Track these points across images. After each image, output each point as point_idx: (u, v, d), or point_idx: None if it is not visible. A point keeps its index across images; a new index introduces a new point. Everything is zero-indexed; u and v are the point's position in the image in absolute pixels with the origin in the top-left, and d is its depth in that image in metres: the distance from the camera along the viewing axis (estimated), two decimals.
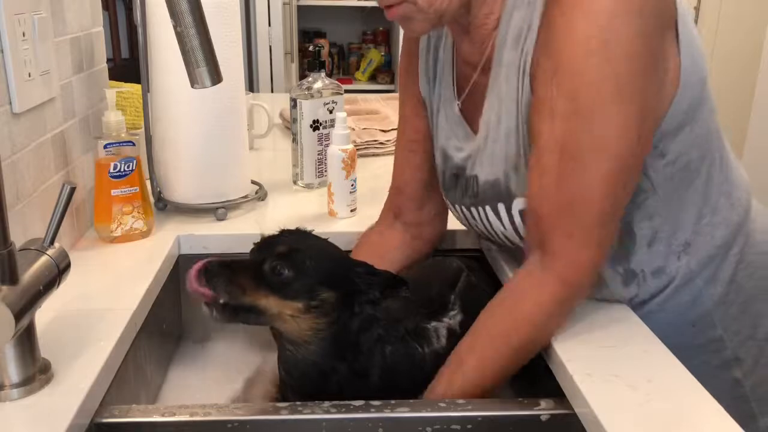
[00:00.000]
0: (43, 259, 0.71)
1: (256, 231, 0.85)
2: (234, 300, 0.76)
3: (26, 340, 0.70)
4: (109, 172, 1.06)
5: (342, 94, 1.37)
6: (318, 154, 1.37)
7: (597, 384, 0.72)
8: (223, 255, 1.07)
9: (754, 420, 0.92)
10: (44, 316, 0.82)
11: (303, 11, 3.84)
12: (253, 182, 1.31)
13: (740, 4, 3.45)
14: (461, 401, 0.76)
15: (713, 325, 0.90)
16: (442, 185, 0.98)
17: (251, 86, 3.17)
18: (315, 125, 1.34)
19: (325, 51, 4.03)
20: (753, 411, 0.92)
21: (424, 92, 0.98)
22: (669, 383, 0.73)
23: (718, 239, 0.87)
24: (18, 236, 0.76)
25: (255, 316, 0.77)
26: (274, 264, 0.77)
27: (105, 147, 1.07)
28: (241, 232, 1.12)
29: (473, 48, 0.86)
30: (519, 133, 0.81)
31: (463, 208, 0.94)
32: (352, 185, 1.21)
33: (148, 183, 1.18)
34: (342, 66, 4.31)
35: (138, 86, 1.27)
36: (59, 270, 0.72)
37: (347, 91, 1.48)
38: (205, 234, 1.13)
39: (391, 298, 0.81)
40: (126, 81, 1.44)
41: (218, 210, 1.18)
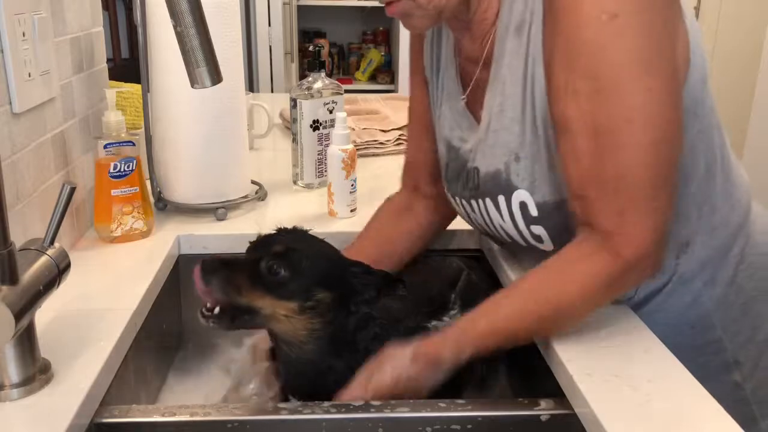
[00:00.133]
0: (43, 259, 0.71)
1: (256, 231, 0.85)
2: (229, 299, 0.76)
3: (26, 340, 0.70)
4: (109, 172, 1.06)
5: (342, 94, 1.37)
6: (318, 154, 1.36)
7: (597, 384, 0.72)
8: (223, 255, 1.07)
9: (755, 423, 0.92)
10: (44, 316, 0.82)
11: (303, 11, 3.84)
12: (253, 182, 1.31)
13: (740, 4, 3.45)
14: (461, 401, 0.76)
15: (713, 327, 0.89)
16: (444, 177, 0.98)
17: (251, 86, 3.17)
18: (315, 125, 1.34)
19: (325, 51, 4.03)
20: (754, 414, 0.92)
21: (429, 80, 0.99)
22: (669, 383, 0.73)
23: (718, 240, 0.87)
24: (18, 236, 0.76)
25: (250, 318, 0.77)
26: (271, 263, 0.77)
27: (105, 147, 1.07)
28: (241, 232, 1.12)
29: (474, 44, 0.86)
30: (525, 122, 0.80)
31: (463, 201, 0.93)
32: (352, 185, 1.21)
33: (148, 183, 1.18)
34: (342, 66, 4.31)
35: (138, 86, 1.27)
36: (59, 270, 0.72)
37: (347, 91, 1.48)
38: (205, 234, 1.13)
39: (389, 297, 0.81)
40: (126, 81, 1.44)
41: (218, 210, 1.18)
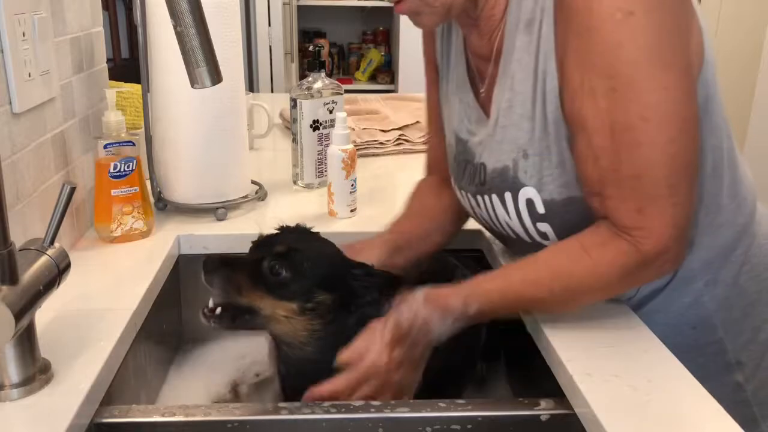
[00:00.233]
0: (43, 259, 0.71)
1: (256, 231, 0.85)
2: (230, 299, 0.76)
3: (26, 340, 0.70)
4: (109, 172, 1.06)
5: (342, 94, 1.37)
6: (318, 154, 1.36)
7: (597, 384, 0.72)
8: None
9: (756, 424, 0.92)
10: (44, 316, 0.82)
11: (303, 11, 3.84)
12: (253, 182, 1.31)
13: (740, 4, 3.45)
14: (461, 401, 0.76)
15: (714, 328, 0.89)
16: (451, 170, 0.98)
17: (251, 86, 3.17)
18: (315, 125, 1.34)
19: (325, 51, 4.03)
20: (755, 415, 0.92)
21: (440, 73, 0.99)
22: (669, 383, 0.73)
23: (722, 239, 0.87)
24: (18, 236, 0.76)
25: (251, 318, 0.77)
26: (272, 264, 0.77)
27: (105, 147, 1.07)
28: (241, 232, 1.12)
29: (481, 40, 0.86)
30: (535, 119, 0.80)
31: (469, 196, 0.93)
32: (352, 185, 1.21)
33: (148, 183, 1.18)
34: (342, 66, 4.31)
35: (138, 86, 1.27)
36: (59, 270, 0.72)
37: (347, 91, 1.48)
38: (205, 234, 1.13)
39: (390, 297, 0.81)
40: (126, 81, 1.44)
41: (218, 210, 1.18)
